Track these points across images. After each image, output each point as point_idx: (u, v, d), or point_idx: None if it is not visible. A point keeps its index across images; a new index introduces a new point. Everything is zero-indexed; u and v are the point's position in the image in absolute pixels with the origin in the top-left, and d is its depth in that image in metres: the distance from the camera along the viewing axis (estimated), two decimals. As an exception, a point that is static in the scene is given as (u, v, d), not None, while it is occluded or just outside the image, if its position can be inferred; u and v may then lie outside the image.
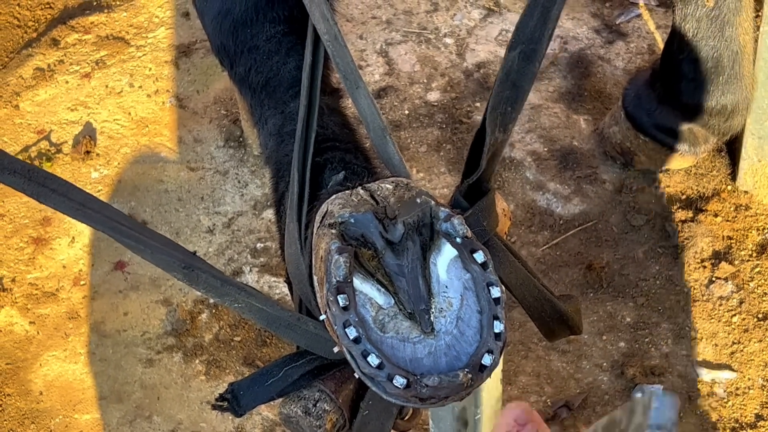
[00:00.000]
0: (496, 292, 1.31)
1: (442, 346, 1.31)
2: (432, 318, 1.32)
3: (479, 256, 1.33)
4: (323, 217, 1.42)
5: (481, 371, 1.28)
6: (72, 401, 2.80)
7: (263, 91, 2.04)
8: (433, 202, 1.39)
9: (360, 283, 1.33)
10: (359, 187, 1.46)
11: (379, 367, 1.25)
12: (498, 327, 1.30)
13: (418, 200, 1.39)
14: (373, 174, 1.77)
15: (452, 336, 1.31)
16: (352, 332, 1.27)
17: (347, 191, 1.45)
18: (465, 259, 1.34)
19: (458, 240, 1.34)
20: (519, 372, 2.72)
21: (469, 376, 1.26)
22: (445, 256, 1.36)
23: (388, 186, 1.45)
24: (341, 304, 1.28)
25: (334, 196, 1.45)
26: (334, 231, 1.36)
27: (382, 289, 1.34)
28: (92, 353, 2.86)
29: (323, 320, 1.37)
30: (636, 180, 3.04)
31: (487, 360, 1.28)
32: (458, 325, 1.32)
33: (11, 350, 2.89)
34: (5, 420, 2.78)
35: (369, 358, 1.26)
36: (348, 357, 1.28)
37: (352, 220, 1.37)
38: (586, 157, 3.10)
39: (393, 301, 1.34)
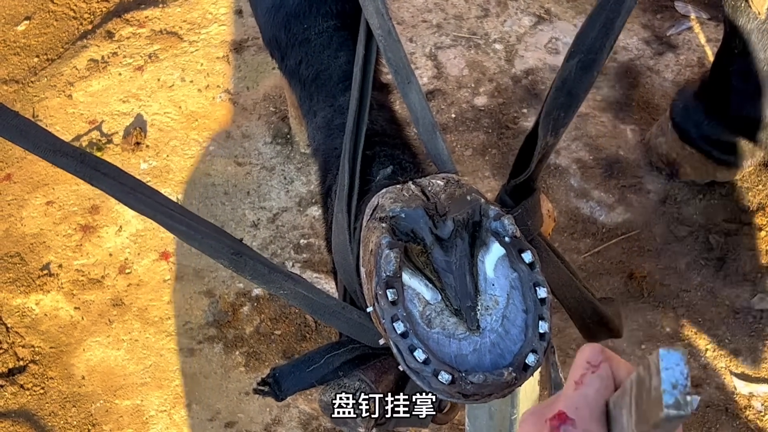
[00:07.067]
0: (542, 292, 1.32)
1: (487, 344, 1.31)
2: (478, 315, 1.33)
3: (527, 256, 1.34)
4: (374, 210, 1.43)
5: (525, 370, 1.28)
6: (113, 387, 2.84)
7: (313, 84, 2.06)
8: (483, 201, 1.40)
9: (408, 278, 1.34)
10: (410, 182, 1.47)
11: (425, 362, 1.26)
12: (543, 327, 1.30)
13: (469, 198, 1.40)
14: (420, 170, 1.78)
15: (497, 334, 1.32)
16: (399, 327, 1.28)
17: (398, 185, 1.46)
18: (513, 259, 1.35)
19: (507, 239, 1.35)
20: (556, 378, 2.73)
21: (513, 374, 1.27)
22: (493, 255, 1.36)
23: (439, 182, 1.45)
24: (390, 298, 1.29)
25: (384, 190, 1.45)
26: (384, 225, 1.37)
27: (430, 285, 1.35)
28: (135, 340, 2.90)
29: (370, 312, 1.38)
30: (681, 191, 3.03)
31: (531, 359, 1.29)
32: (503, 323, 1.33)
33: (56, 334, 2.93)
34: (47, 402, 2.83)
35: (416, 353, 1.27)
36: (394, 351, 1.29)
37: (403, 215, 1.38)
38: (631, 166, 3.09)
39: (440, 297, 1.34)
